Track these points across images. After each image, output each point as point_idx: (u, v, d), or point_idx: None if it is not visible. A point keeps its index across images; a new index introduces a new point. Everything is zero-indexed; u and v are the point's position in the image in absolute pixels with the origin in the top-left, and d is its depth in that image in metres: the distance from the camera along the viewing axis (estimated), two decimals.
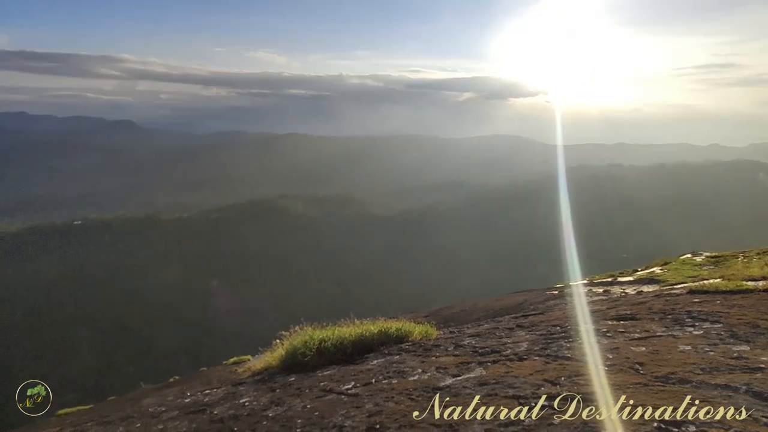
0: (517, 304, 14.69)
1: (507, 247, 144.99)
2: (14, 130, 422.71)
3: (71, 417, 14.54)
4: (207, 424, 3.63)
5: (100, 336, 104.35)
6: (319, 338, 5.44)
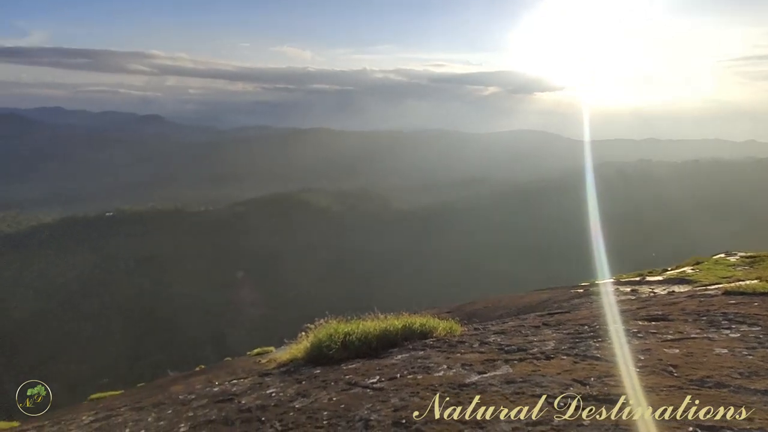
0: (541, 301, 14.51)
1: (530, 244, 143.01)
2: (51, 124, 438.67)
3: (103, 402, 15.06)
4: (235, 413, 3.70)
5: (131, 324, 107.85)
6: (344, 332, 5.47)
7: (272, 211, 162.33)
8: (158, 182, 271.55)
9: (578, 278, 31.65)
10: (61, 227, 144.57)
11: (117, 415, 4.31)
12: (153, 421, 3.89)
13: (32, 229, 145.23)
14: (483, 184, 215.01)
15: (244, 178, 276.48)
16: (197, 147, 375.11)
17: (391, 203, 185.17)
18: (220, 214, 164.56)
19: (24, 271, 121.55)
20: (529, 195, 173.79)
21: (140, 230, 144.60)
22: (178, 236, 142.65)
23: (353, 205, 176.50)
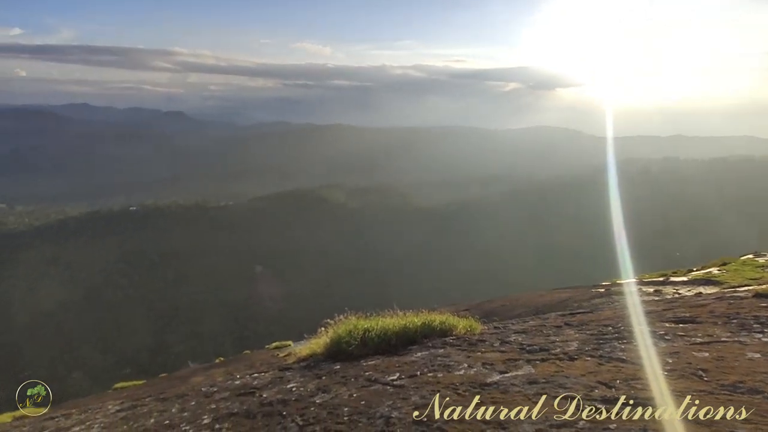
0: (561, 301, 14.35)
1: (551, 243, 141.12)
2: (78, 120, 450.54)
3: (127, 391, 15.45)
4: (257, 406, 3.74)
5: (153, 316, 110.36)
6: (363, 328, 5.48)
7: (291, 207, 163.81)
8: (180, 177, 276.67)
9: (599, 278, 31.09)
10: (86, 221, 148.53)
11: (142, 405, 4.40)
12: (177, 412, 3.96)
13: (59, 222, 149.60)
14: (503, 181, 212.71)
15: (264, 174, 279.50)
16: (218, 143, 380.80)
17: (409, 200, 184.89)
18: (239, 209, 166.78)
19: (51, 263, 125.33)
20: (549, 193, 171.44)
21: (162, 225, 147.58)
22: (199, 231, 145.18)
23: (371, 202, 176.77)
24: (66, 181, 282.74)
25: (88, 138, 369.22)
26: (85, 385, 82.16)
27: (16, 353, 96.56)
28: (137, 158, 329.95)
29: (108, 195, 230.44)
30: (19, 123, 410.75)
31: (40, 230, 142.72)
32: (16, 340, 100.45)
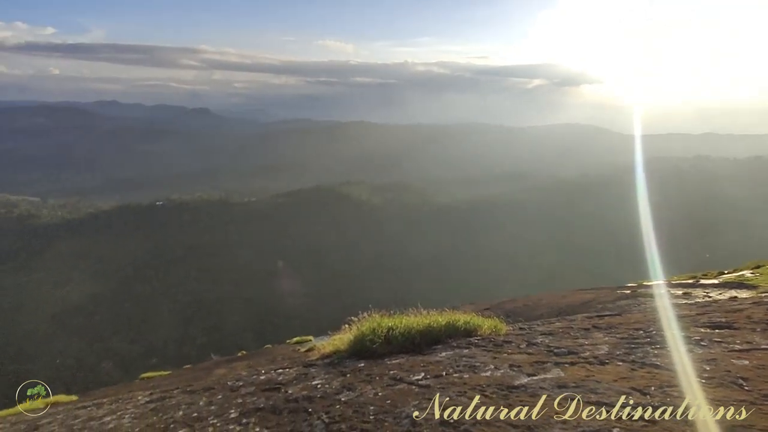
0: (584, 302, 14.04)
1: (574, 242, 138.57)
2: (108, 117, 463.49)
3: (154, 381, 15.82)
4: (283, 402, 3.76)
5: (178, 309, 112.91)
6: (387, 326, 5.46)
7: (313, 203, 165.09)
8: (205, 173, 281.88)
9: (623, 279, 30.34)
10: (116, 215, 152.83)
11: (170, 397, 4.48)
12: (204, 405, 4.01)
13: (90, 215, 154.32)
14: (526, 179, 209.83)
15: (287, 170, 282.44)
16: (242, 139, 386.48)
17: (431, 197, 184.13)
18: (262, 205, 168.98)
19: (83, 256, 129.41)
20: (574, 191, 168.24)
21: (188, 219, 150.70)
22: (223, 225, 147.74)
23: (393, 199, 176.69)
24: (96, 175, 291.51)
25: (117, 134, 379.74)
26: (114, 374, 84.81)
27: (49, 342, 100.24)
28: (164, 154, 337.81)
29: (136, 189, 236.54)
30: (52, 120, 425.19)
31: (72, 223, 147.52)
32: (48, 329, 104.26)
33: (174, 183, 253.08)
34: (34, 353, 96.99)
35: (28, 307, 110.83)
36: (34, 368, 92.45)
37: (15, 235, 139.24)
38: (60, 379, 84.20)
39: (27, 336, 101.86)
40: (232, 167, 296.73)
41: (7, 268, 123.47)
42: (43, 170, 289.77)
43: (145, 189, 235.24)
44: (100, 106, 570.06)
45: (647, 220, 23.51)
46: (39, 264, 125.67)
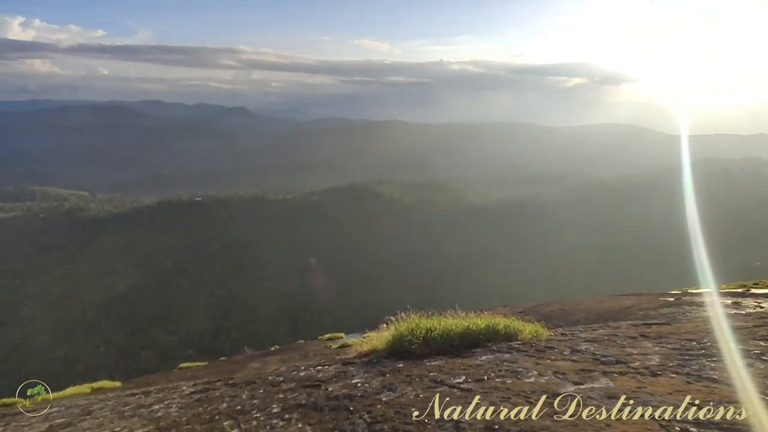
0: (624, 308, 13.51)
1: (613, 246, 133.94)
2: (152, 115, 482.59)
3: (191, 371, 16.32)
4: (324, 399, 3.79)
5: (214, 302, 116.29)
6: (426, 327, 5.41)
7: (346, 202, 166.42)
8: (242, 170, 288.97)
9: (664, 285, 29.04)
10: (157, 209, 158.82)
11: (214, 389, 4.60)
12: (247, 398, 4.09)
13: (134, 210, 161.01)
14: (564, 179, 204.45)
15: (321, 169, 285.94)
16: (278, 138, 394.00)
17: (464, 197, 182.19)
18: (296, 202, 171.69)
19: (126, 249, 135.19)
20: (614, 193, 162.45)
21: (225, 215, 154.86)
22: (258, 222, 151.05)
23: (426, 198, 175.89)
24: (140, 172, 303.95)
25: (160, 132, 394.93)
26: (153, 362, 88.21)
27: (94, 330, 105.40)
28: (203, 152, 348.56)
29: (176, 185, 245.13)
30: (100, 118, 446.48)
31: (117, 217, 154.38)
32: (94, 317, 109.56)
33: (212, 180, 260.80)
34: (81, 340, 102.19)
35: (76, 296, 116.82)
36: (80, 354, 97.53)
37: (65, 227, 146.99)
38: (104, 366, 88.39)
39: (75, 323, 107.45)
40: (268, 165, 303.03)
41: (58, 259, 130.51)
42: (92, 166, 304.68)
43: (185, 185, 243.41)
44: (144, 105, 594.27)
45: (694, 224, 22.14)
46: (86, 255, 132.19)
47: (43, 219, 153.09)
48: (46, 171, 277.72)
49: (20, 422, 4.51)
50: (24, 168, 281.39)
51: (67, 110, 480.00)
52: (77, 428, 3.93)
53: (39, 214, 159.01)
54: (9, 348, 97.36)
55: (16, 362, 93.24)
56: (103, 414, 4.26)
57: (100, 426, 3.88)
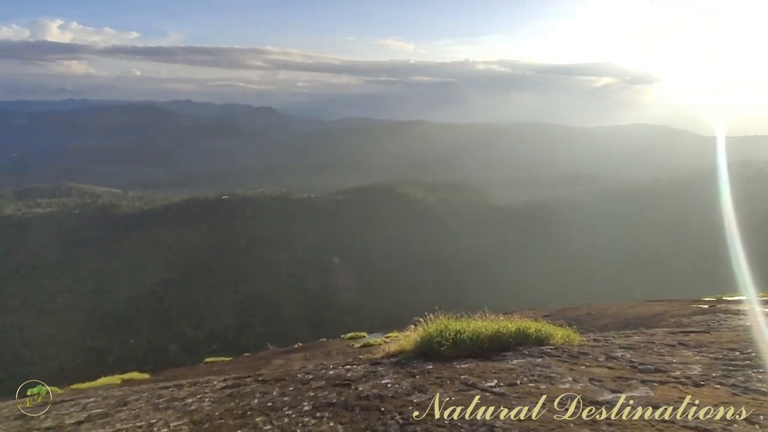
0: (655, 314, 13.07)
1: (643, 250, 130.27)
2: (182, 115, 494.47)
3: (217, 366, 16.61)
4: (354, 399, 3.78)
5: (239, 298, 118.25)
6: (455, 329, 5.36)
7: (369, 201, 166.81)
8: (268, 169, 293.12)
9: (697, 291, 28.00)
10: (185, 207, 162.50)
11: (245, 384, 4.65)
12: (278, 395, 4.13)
13: (163, 207, 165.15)
14: (592, 181, 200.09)
15: (346, 168, 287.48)
16: (304, 137, 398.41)
17: (488, 198, 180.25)
18: (321, 201, 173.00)
19: (155, 244, 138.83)
20: (645, 195, 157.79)
21: (250, 213, 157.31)
22: (282, 220, 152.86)
23: (448, 199, 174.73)
24: (170, 169, 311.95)
25: (189, 131, 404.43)
26: (180, 356, 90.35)
27: (124, 323, 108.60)
28: (230, 150, 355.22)
29: (204, 184, 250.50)
30: (133, 117, 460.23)
31: (147, 214, 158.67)
32: (124, 311, 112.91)
33: (239, 178, 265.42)
34: (112, 332, 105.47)
35: (108, 290, 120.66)
36: (111, 346, 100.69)
37: (98, 223, 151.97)
38: (133, 358, 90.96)
39: (107, 316, 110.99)
40: (294, 164, 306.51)
41: (91, 253, 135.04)
42: (125, 164, 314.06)
43: (213, 183, 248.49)
44: (175, 104, 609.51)
45: (731, 228, 21.09)
46: (118, 250, 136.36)
47: (78, 215, 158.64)
48: (82, 168, 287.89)
49: (60, 410, 4.65)
50: (61, 165, 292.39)
51: (102, 110, 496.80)
52: (114, 419, 4.03)
53: (74, 210, 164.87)
54: (45, 338, 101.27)
55: (51, 352, 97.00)
56: (139, 406, 4.36)
57: (136, 417, 3.97)
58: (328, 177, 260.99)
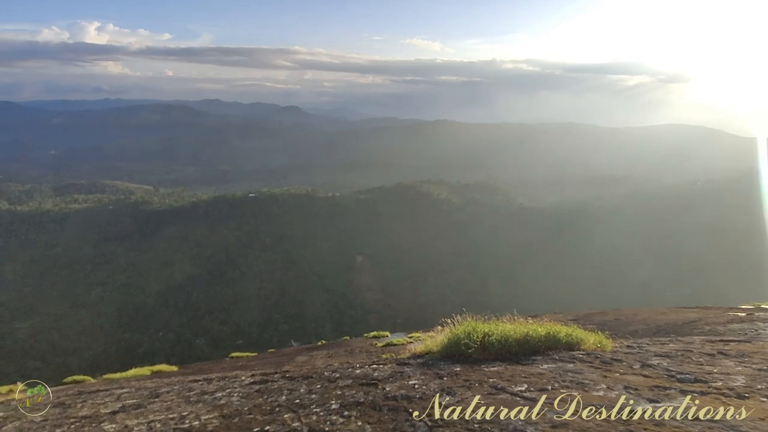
0: (688, 321, 12.59)
1: (675, 254, 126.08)
2: (211, 114, 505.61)
3: (242, 361, 16.87)
4: (382, 399, 3.76)
5: (264, 295, 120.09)
6: (483, 331, 5.28)
7: (393, 201, 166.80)
8: (294, 168, 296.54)
9: (734, 298, 26.89)
10: (213, 204, 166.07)
11: (272, 381, 4.70)
12: (305, 393, 4.14)
13: (192, 204, 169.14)
14: (623, 183, 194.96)
15: (371, 167, 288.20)
16: (329, 136, 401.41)
17: (514, 198, 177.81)
18: (345, 200, 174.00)
19: (184, 240, 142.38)
20: (678, 197, 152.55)
21: (276, 211, 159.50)
22: (308, 219, 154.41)
23: (474, 199, 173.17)
24: (199, 167, 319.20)
25: (218, 130, 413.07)
26: (206, 349, 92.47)
27: (153, 316, 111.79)
28: (257, 149, 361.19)
29: (231, 181, 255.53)
30: (165, 116, 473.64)
31: (176, 210, 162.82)
32: (154, 304, 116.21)
33: (265, 176, 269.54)
34: (143, 325, 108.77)
35: (139, 284, 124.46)
36: (141, 338, 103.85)
37: (131, 218, 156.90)
38: (162, 350, 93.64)
39: (138, 309, 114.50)
40: (319, 163, 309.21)
41: (123, 248, 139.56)
42: (157, 162, 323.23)
43: (240, 181, 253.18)
44: (205, 104, 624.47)
45: None
46: (149, 245, 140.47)
47: (112, 210, 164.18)
48: (116, 166, 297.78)
49: (95, 399, 4.80)
50: (97, 163, 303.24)
51: (136, 109, 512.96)
52: (148, 410, 4.13)
53: (108, 206, 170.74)
54: (79, 329, 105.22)
55: (85, 342, 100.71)
56: (170, 398, 4.45)
57: (168, 409, 4.05)
58: (352, 176, 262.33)
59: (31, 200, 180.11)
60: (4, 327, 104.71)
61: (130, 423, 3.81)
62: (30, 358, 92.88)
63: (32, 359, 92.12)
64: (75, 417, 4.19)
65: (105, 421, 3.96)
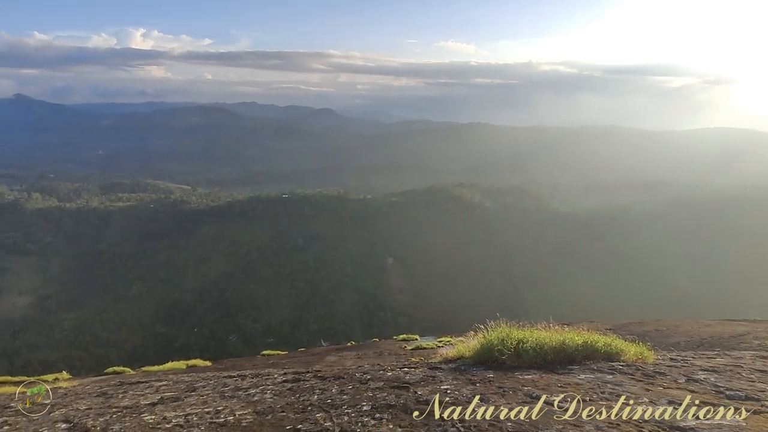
0: (735, 335, 11.98)
1: (721, 262, 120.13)
2: (247, 116, 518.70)
3: (273, 359, 17.13)
4: (413, 402, 3.73)
5: (295, 294, 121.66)
6: (517, 338, 5.17)
7: (425, 203, 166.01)
8: (328, 170, 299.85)
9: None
10: (249, 204, 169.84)
11: (304, 380, 4.74)
12: (337, 393, 4.16)
13: (228, 204, 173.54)
14: (665, 188, 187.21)
15: (403, 170, 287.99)
16: (363, 139, 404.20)
17: (548, 203, 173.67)
18: (377, 202, 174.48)
19: (219, 239, 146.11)
20: (725, 203, 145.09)
21: (309, 212, 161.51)
22: (340, 220, 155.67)
23: (507, 203, 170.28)
24: (235, 168, 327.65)
25: (254, 132, 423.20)
26: (238, 346, 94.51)
27: (189, 311, 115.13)
28: (292, 151, 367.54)
29: (266, 182, 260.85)
30: (203, 119, 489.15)
31: (213, 210, 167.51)
32: (190, 300, 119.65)
33: (299, 178, 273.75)
34: (179, 320, 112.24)
35: (176, 280, 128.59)
36: (177, 333, 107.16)
37: (170, 217, 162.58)
38: (196, 345, 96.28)
39: (174, 304, 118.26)
40: (352, 165, 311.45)
41: (162, 245, 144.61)
42: (195, 162, 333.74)
43: (275, 182, 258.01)
44: (242, 107, 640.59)
45: None
46: (186, 243, 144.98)
47: (153, 209, 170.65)
48: (158, 166, 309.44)
49: (136, 391, 4.97)
50: (140, 163, 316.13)
51: (176, 112, 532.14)
52: (185, 403, 4.24)
53: (149, 204, 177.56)
54: (119, 322, 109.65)
55: (125, 335, 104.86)
56: (206, 392, 4.56)
57: (204, 403, 4.15)
58: (385, 178, 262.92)
59: (79, 198, 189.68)
60: (52, 318, 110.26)
61: (169, 415, 3.92)
62: (74, 348, 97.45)
63: (76, 349, 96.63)
64: (117, 407, 4.35)
65: (145, 412, 4.10)
